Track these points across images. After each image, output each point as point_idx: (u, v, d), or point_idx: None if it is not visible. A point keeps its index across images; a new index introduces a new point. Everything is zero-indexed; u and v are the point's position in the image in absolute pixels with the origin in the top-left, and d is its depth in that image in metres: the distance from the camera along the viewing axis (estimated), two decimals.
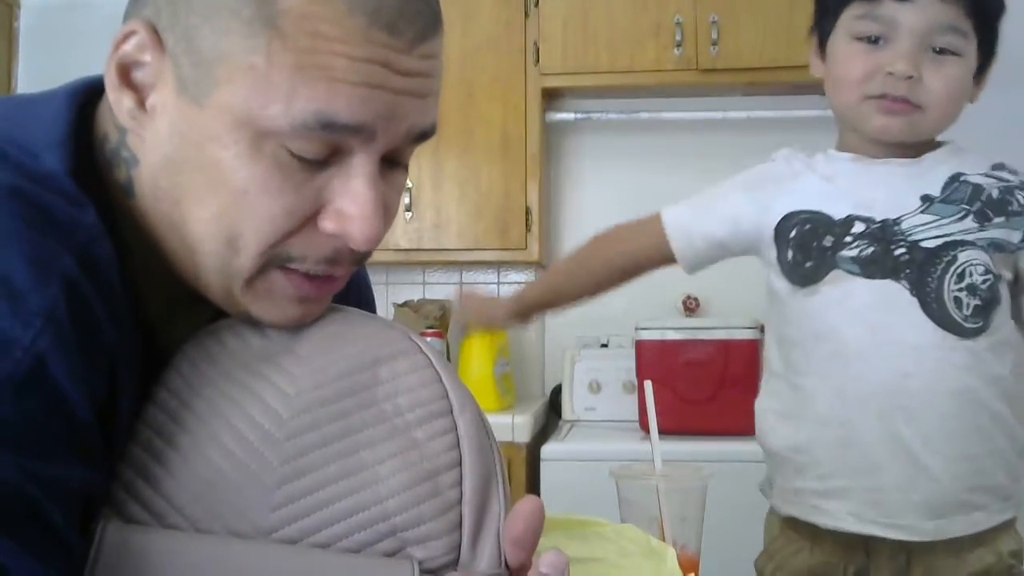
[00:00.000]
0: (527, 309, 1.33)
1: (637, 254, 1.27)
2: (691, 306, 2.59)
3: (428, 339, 0.55)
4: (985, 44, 1.07)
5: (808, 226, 1.09)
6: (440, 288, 2.75)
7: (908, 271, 1.04)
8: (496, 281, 2.77)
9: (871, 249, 1.06)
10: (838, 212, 1.08)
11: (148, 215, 0.58)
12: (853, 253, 1.06)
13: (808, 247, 1.09)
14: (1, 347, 0.45)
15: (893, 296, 1.04)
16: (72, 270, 0.49)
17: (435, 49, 0.57)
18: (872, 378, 1.05)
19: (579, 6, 2.42)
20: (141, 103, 0.56)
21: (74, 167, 0.54)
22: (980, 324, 1.05)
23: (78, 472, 0.48)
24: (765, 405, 1.18)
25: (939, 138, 1.13)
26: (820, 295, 1.08)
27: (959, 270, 1.04)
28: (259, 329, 0.59)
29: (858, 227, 1.07)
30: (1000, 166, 1.11)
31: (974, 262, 1.04)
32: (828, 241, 1.08)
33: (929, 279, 1.04)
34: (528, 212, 2.44)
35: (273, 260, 0.56)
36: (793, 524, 1.14)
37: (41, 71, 2.76)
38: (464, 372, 2.32)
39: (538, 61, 2.44)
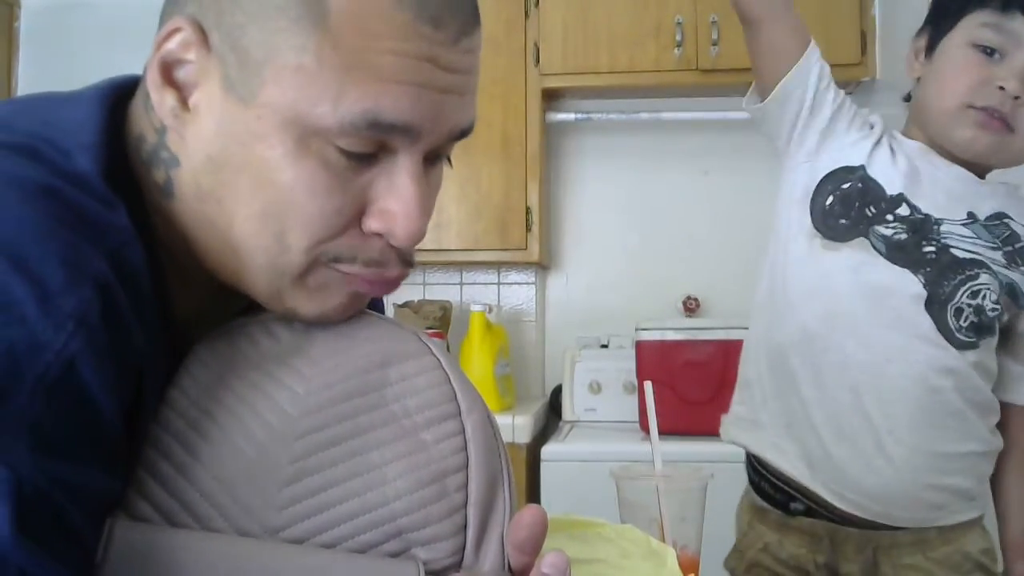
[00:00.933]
0: None
1: (772, 24, 1.16)
2: (691, 306, 2.59)
3: (433, 339, 0.55)
4: None
5: (861, 186, 1.10)
6: (440, 289, 2.75)
7: (929, 269, 1.06)
8: (496, 282, 2.78)
9: (904, 236, 1.07)
10: (893, 186, 1.09)
11: (187, 215, 0.58)
12: (887, 232, 1.07)
13: (851, 205, 1.10)
14: (32, 349, 0.45)
15: (906, 285, 1.06)
16: (104, 273, 0.49)
17: (476, 44, 0.58)
18: (856, 352, 1.07)
19: (579, 6, 2.42)
20: (184, 102, 0.56)
21: (106, 169, 0.54)
22: (972, 340, 1.06)
23: (102, 478, 0.48)
24: (753, 334, 1.21)
25: (1001, 174, 1.15)
26: (838, 255, 1.09)
27: (975, 288, 1.05)
28: (270, 331, 0.60)
29: (903, 210, 1.08)
30: None
31: (990, 288, 1.06)
32: (871, 211, 1.08)
33: (945, 282, 1.05)
34: (528, 212, 2.44)
35: (321, 258, 0.56)
36: (762, 516, 1.16)
37: (41, 71, 2.76)
38: (464, 373, 2.32)
39: (538, 61, 2.44)
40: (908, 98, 1.19)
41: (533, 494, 2.16)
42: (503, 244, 2.45)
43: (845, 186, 1.11)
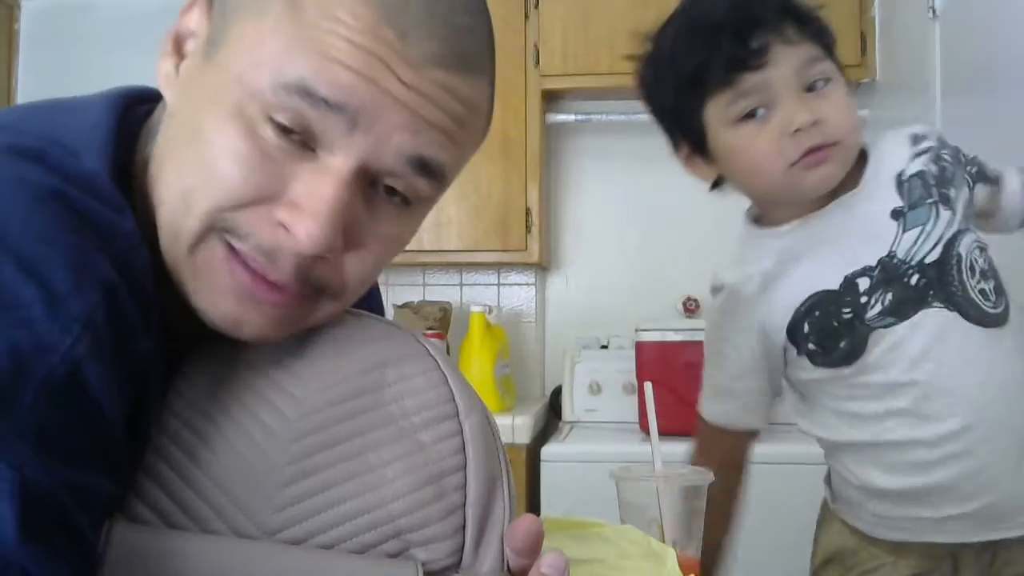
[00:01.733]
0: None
1: (727, 466, 1.17)
2: (691, 307, 2.59)
3: (431, 340, 0.55)
4: (829, 47, 1.04)
5: (817, 312, 1.04)
6: (440, 289, 2.75)
7: (932, 292, 1.01)
8: (496, 283, 2.78)
9: (890, 293, 1.02)
10: (831, 281, 1.04)
11: (149, 187, 0.57)
12: (878, 309, 1.02)
13: (830, 331, 1.04)
14: (39, 352, 0.45)
15: (937, 321, 1.01)
16: (111, 277, 0.49)
17: (456, 86, 0.55)
18: (962, 405, 1.01)
19: (579, 7, 2.43)
20: (177, 68, 0.58)
21: (114, 174, 0.54)
22: (1004, 302, 1.04)
23: (104, 481, 0.48)
24: (845, 461, 1.12)
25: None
26: (873, 361, 1.03)
27: (968, 264, 1.02)
28: None
29: (863, 283, 1.03)
30: (917, 137, 1.08)
31: (971, 248, 1.03)
32: (847, 313, 1.03)
33: (953, 289, 1.01)
34: (528, 213, 2.44)
35: (216, 225, 0.54)
36: (873, 539, 1.10)
37: (41, 72, 2.76)
38: (464, 373, 2.29)
39: (538, 63, 2.44)
40: (716, 185, 1.13)
41: (533, 495, 2.16)
42: (503, 245, 2.45)
43: (805, 330, 1.06)
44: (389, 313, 2.58)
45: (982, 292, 1.02)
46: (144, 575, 0.49)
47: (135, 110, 0.61)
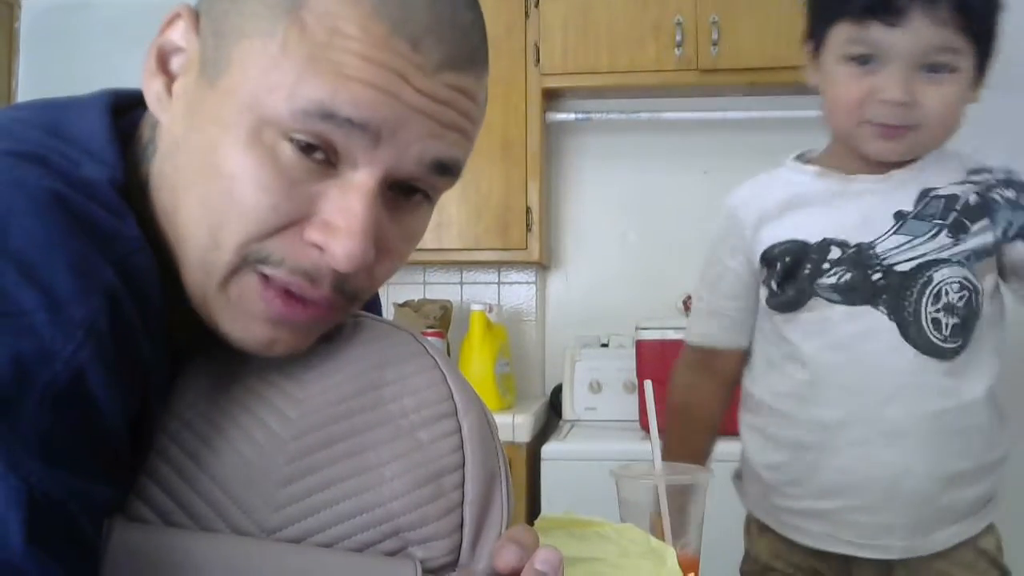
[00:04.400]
0: None
1: (711, 396, 1.22)
2: (691, 306, 2.59)
3: (429, 339, 0.55)
4: (983, 46, 1.03)
5: (788, 258, 1.08)
6: (441, 288, 2.75)
7: (885, 296, 1.03)
8: (497, 281, 2.78)
9: (849, 275, 1.04)
10: (813, 236, 1.07)
11: (155, 211, 0.57)
12: (832, 280, 1.05)
13: (792, 276, 1.08)
14: (41, 358, 0.44)
15: (872, 323, 1.03)
16: (113, 282, 0.48)
17: (467, 85, 0.56)
18: (851, 404, 1.04)
19: (579, 6, 2.42)
20: (169, 88, 0.57)
21: (114, 177, 0.54)
22: (959, 343, 1.03)
23: (107, 487, 0.49)
24: (746, 420, 1.18)
25: None
26: (798, 322, 1.07)
27: (935, 291, 1.02)
28: None
29: (834, 252, 1.05)
30: (978, 170, 1.08)
31: (949, 280, 1.02)
32: (807, 269, 1.06)
33: (906, 303, 1.02)
34: (528, 212, 2.44)
35: (249, 257, 0.54)
36: (773, 533, 1.14)
37: (41, 71, 2.76)
38: (464, 372, 2.32)
39: (538, 61, 2.44)
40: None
41: (533, 493, 2.16)
42: (503, 244, 2.45)
43: (777, 266, 1.09)
44: (389, 312, 2.58)
45: (935, 321, 1.02)
46: (144, 574, 0.49)
47: (128, 116, 0.60)
